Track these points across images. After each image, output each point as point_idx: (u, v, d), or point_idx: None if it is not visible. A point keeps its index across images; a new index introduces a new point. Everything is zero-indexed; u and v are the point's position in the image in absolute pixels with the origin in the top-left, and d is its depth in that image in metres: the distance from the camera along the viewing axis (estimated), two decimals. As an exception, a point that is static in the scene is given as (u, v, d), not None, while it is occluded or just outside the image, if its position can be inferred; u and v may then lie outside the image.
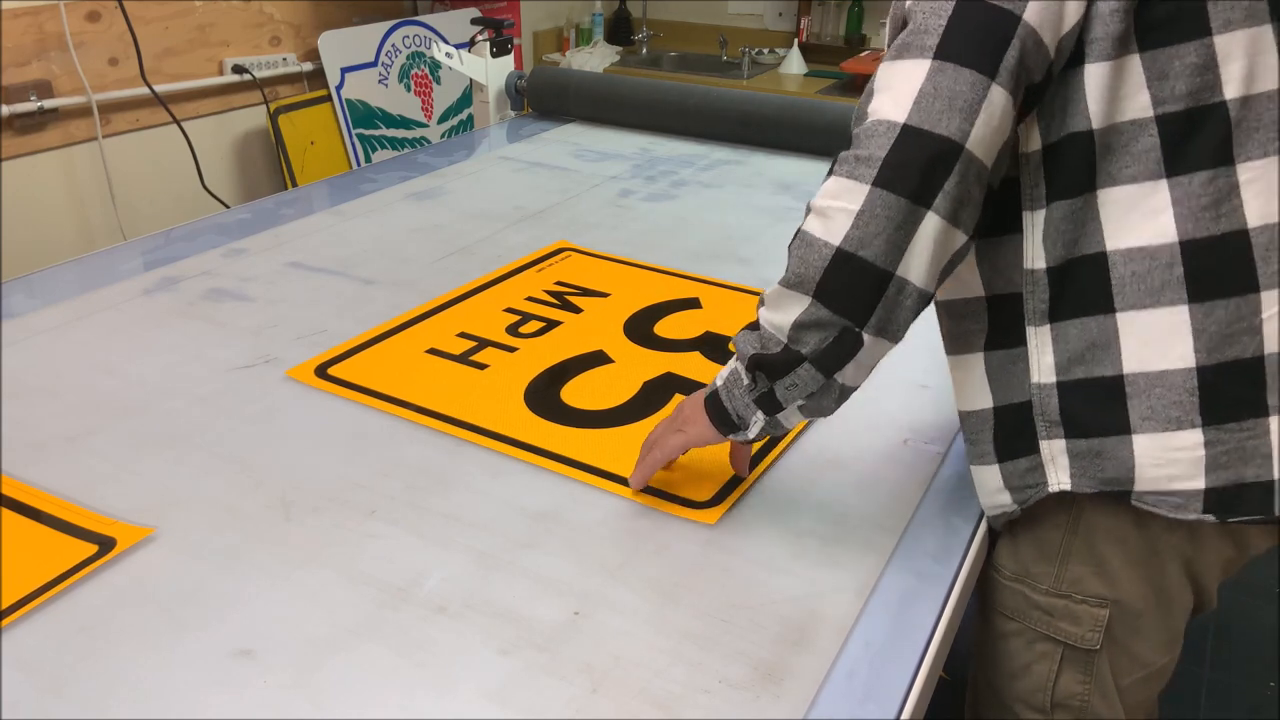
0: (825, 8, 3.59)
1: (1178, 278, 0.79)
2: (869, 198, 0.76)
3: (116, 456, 1.04)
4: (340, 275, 1.50)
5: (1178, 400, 0.81)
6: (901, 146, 0.75)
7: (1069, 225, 0.82)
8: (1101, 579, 0.90)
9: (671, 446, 0.95)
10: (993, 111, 0.75)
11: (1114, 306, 0.81)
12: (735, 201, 1.86)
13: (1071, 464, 0.85)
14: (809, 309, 0.80)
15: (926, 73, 0.75)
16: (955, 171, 0.75)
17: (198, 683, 0.76)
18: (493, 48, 2.36)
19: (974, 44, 0.75)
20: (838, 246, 0.77)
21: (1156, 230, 0.79)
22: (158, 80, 2.35)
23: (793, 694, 0.76)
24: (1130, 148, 0.79)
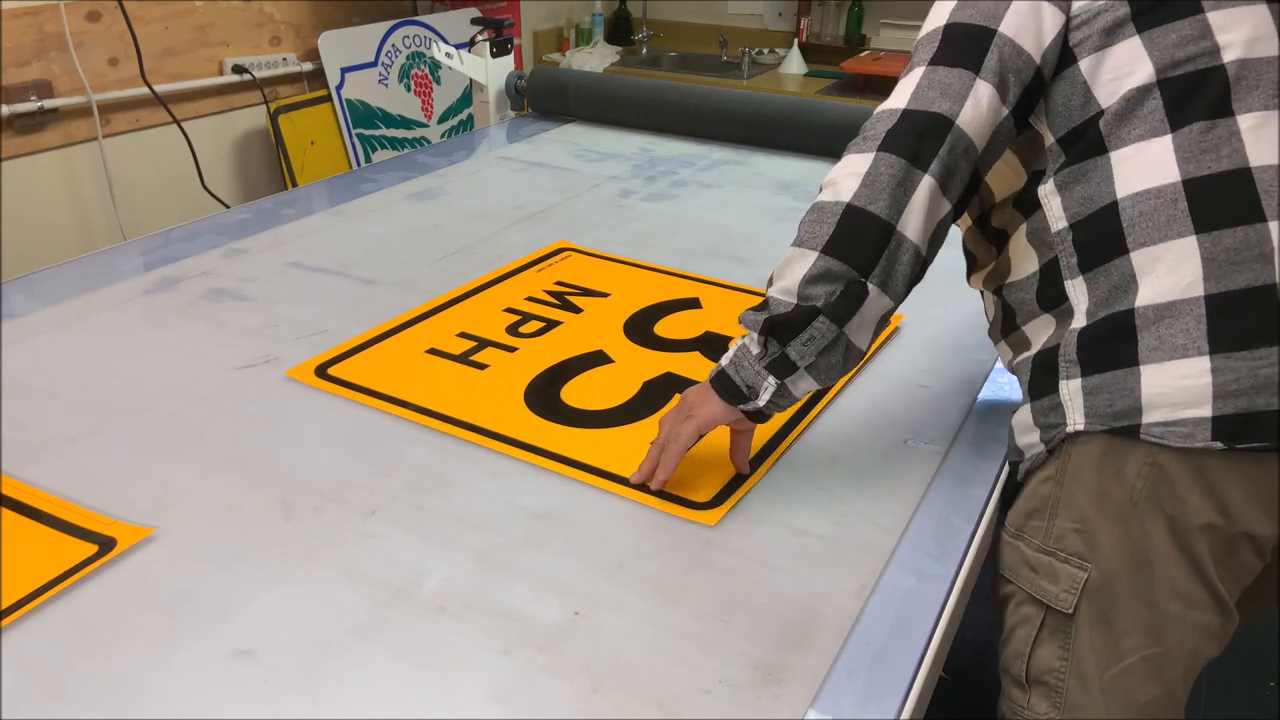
0: (825, 8, 3.59)
1: (1183, 211, 0.84)
2: (874, 161, 0.90)
3: (116, 456, 1.04)
4: (340, 275, 1.50)
5: (1185, 329, 0.83)
6: (902, 122, 0.91)
7: (1083, 185, 0.90)
8: (1082, 537, 0.90)
9: (685, 435, 0.97)
10: (979, 100, 0.90)
11: (1127, 247, 0.87)
12: (735, 201, 1.86)
13: (1085, 402, 0.88)
14: (817, 262, 0.90)
15: (923, 74, 0.92)
16: (946, 142, 0.89)
17: (198, 683, 0.76)
18: (493, 48, 2.36)
19: (960, 51, 0.92)
20: (848, 202, 0.90)
21: (1161, 174, 0.86)
22: (158, 80, 2.35)
23: (793, 694, 0.76)
24: (1136, 112, 0.88)
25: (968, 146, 0.90)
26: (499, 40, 2.38)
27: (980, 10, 0.93)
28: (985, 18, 0.92)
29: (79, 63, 2.17)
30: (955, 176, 0.91)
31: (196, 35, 2.49)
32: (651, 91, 2.29)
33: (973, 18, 0.93)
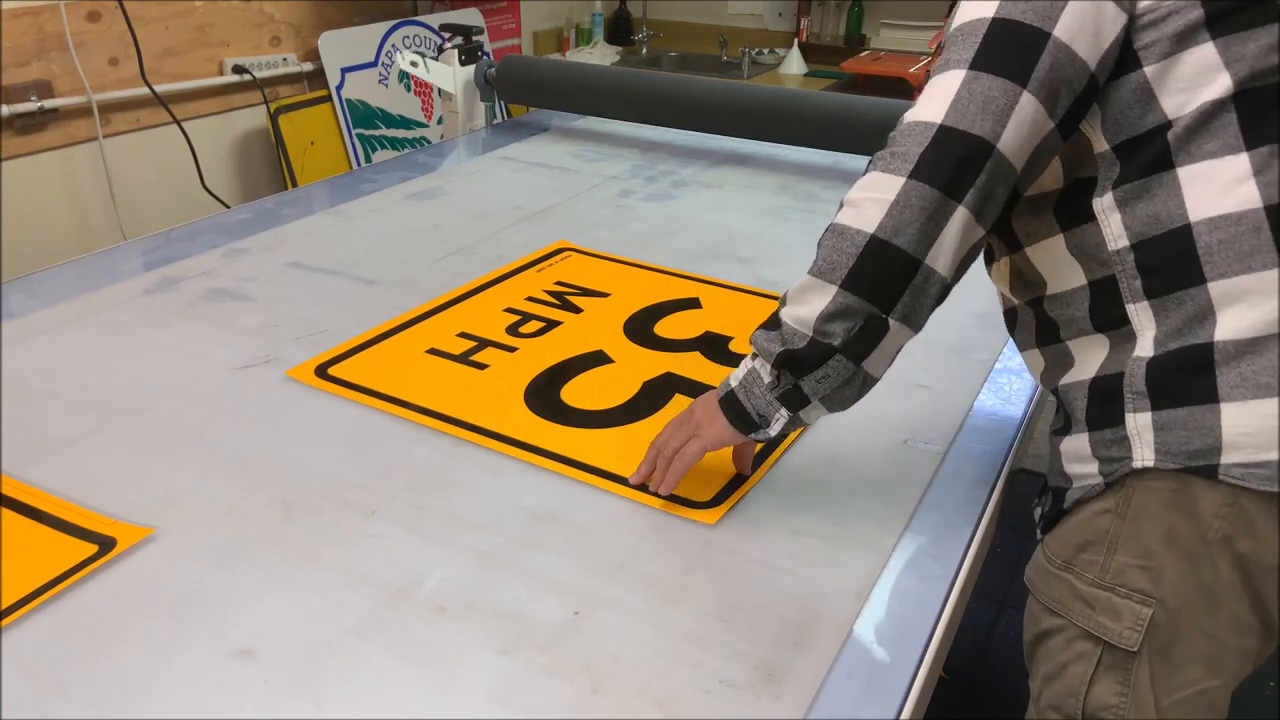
0: (825, 8, 3.59)
1: (1267, 241, 0.79)
2: (904, 189, 0.81)
3: (116, 456, 1.04)
4: (340, 275, 1.50)
5: (1270, 366, 0.79)
6: (937, 144, 0.81)
7: (1146, 202, 0.83)
8: (1147, 574, 0.85)
9: (690, 454, 0.95)
10: (1024, 117, 0.80)
11: (1204, 276, 0.81)
12: (735, 201, 1.86)
13: (1156, 438, 0.83)
14: (836, 298, 0.84)
15: (962, 80, 0.81)
16: (985, 170, 0.81)
17: (198, 683, 0.76)
18: (461, 55, 2.26)
19: (1007, 56, 0.81)
20: (871, 234, 0.82)
21: (1240, 198, 0.80)
22: (158, 80, 2.35)
23: (793, 694, 0.76)
24: (1208, 125, 0.80)
25: (1007, 172, 0.82)
26: (468, 48, 2.28)
27: (1034, 7, 0.82)
28: (1039, 17, 0.81)
29: (79, 63, 2.17)
30: (992, 202, 0.83)
31: (196, 35, 2.49)
32: (628, 81, 2.18)
33: (1025, 15, 0.82)
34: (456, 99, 2.31)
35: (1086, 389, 0.89)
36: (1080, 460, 0.89)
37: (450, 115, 2.35)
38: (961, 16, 0.85)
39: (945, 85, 0.83)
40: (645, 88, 2.13)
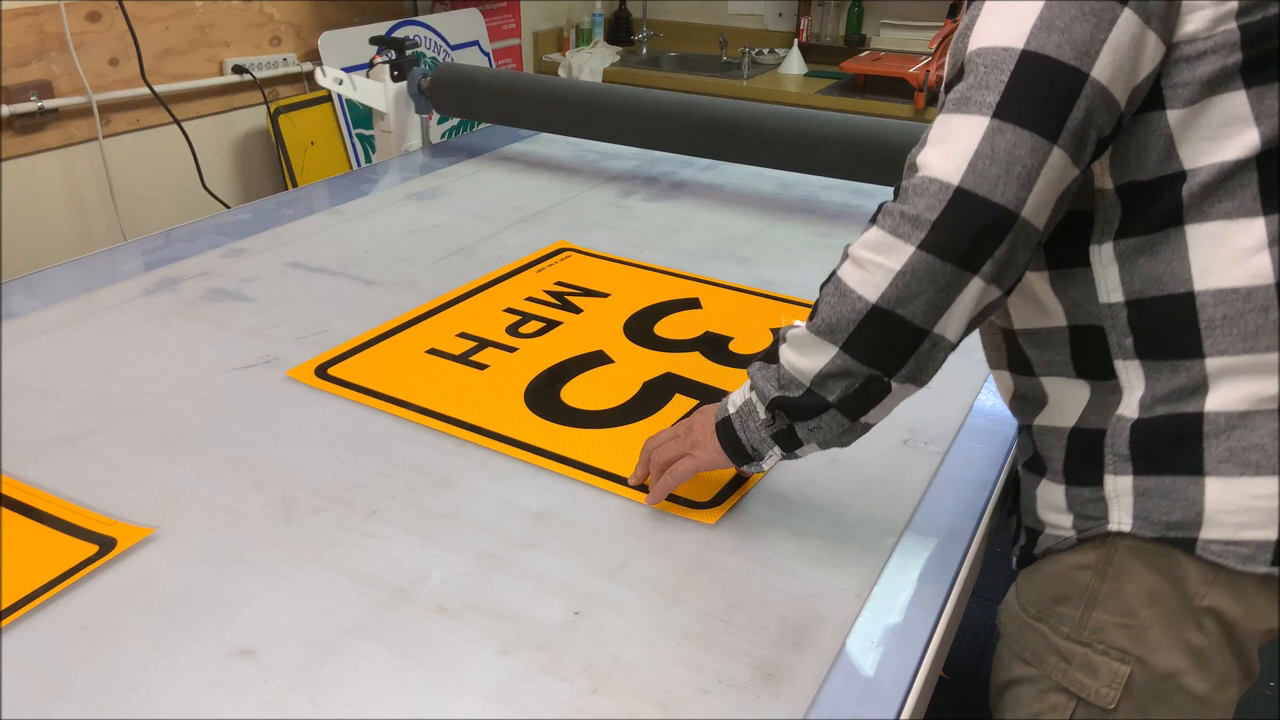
0: (825, 8, 3.59)
1: (1274, 322, 0.74)
2: (912, 259, 0.74)
3: (116, 456, 1.04)
4: (340, 275, 1.50)
5: (1260, 444, 0.75)
6: (953, 211, 0.72)
7: (1149, 259, 0.77)
8: (1128, 632, 0.82)
9: (681, 472, 0.94)
10: (1052, 177, 0.72)
11: (1203, 351, 0.76)
12: (735, 201, 1.86)
13: (1136, 504, 0.79)
14: (836, 359, 0.79)
15: (984, 132, 0.71)
16: (1007, 240, 0.72)
17: (198, 683, 0.76)
18: (394, 70, 2.08)
19: (1037, 104, 0.71)
20: (873, 304, 0.76)
21: (1252, 271, 0.74)
22: (158, 80, 2.35)
23: (793, 694, 0.76)
24: (1225, 184, 0.74)
25: (1030, 236, 0.73)
26: (401, 62, 2.09)
27: (1072, 40, 0.71)
28: (1076, 52, 0.71)
29: (79, 63, 2.17)
30: (1012, 267, 0.74)
31: (196, 35, 2.49)
32: (575, 93, 1.99)
33: (1060, 50, 0.71)
34: (389, 117, 2.13)
35: (1065, 439, 0.84)
36: (1055, 510, 0.86)
37: (383, 136, 2.17)
38: (985, 37, 0.74)
39: (965, 133, 0.72)
40: (593, 101, 1.94)
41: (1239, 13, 0.71)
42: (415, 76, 2.09)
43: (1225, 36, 0.71)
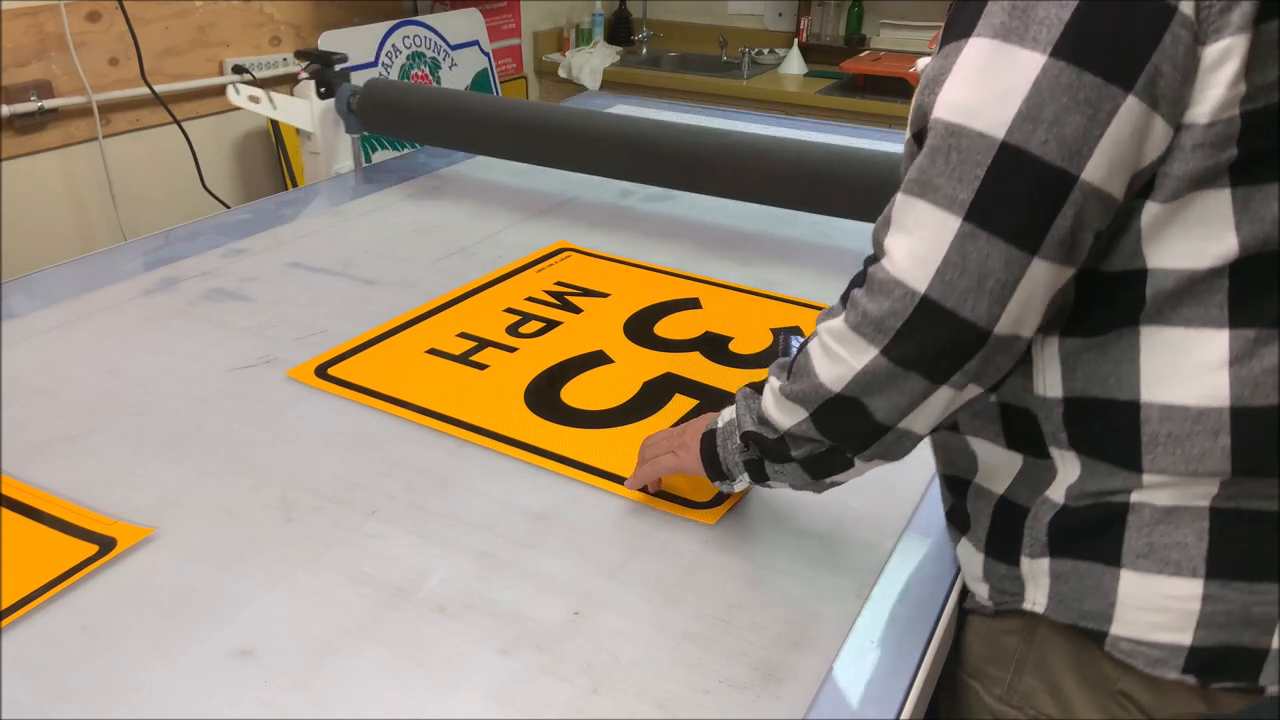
0: (825, 8, 3.59)
1: (1223, 450, 0.66)
2: (875, 363, 0.69)
3: (116, 456, 1.04)
4: (340, 275, 1.50)
5: (1182, 542, 0.69)
6: (918, 323, 0.66)
7: (1096, 356, 0.69)
8: (1055, 700, 0.79)
9: (663, 466, 0.95)
10: (1034, 288, 0.64)
11: (1141, 466, 0.68)
12: (735, 201, 1.86)
13: (1051, 586, 0.74)
14: (804, 425, 0.76)
15: (954, 237, 0.63)
16: (978, 356, 0.66)
17: (198, 683, 0.76)
18: (320, 86, 1.89)
19: (1016, 211, 0.62)
20: (836, 393, 0.72)
21: (1206, 390, 0.66)
22: (158, 80, 2.34)
23: (793, 694, 0.76)
24: (1192, 289, 0.65)
25: (1010, 344, 0.67)
26: (331, 76, 1.90)
27: (1061, 136, 0.61)
28: (1066, 153, 0.61)
29: (79, 63, 2.17)
30: (989, 372, 0.68)
31: (196, 35, 2.49)
32: (511, 116, 1.80)
33: (1046, 148, 0.61)
34: (315, 137, 1.93)
35: (991, 508, 0.79)
36: (973, 578, 0.83)
37: (310, 158, 1.95)
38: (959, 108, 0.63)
39: (932, 231, 0.64)
40: (534, 123, 1.77)
41: (1245, 98, 0.62)
42: (344, 94, 1.91)
43: (1226, 128, 0.62)
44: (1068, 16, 0.61)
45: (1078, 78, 0.60)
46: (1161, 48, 0.60)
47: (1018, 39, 0.62)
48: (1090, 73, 0.61)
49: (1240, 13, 0.60)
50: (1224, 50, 0.60)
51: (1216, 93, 0.61)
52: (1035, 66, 0.61)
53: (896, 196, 0.68)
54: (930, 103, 0.66)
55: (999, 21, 0.62)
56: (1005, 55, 0.62)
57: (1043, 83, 0.61)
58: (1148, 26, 0.60)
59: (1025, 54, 0.61)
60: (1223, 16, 0.60)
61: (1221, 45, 0.60)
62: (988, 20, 0.63)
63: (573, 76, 3.58)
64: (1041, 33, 0.61)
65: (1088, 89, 0.61)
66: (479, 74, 3.33)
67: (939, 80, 0.65)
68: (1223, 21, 0.60)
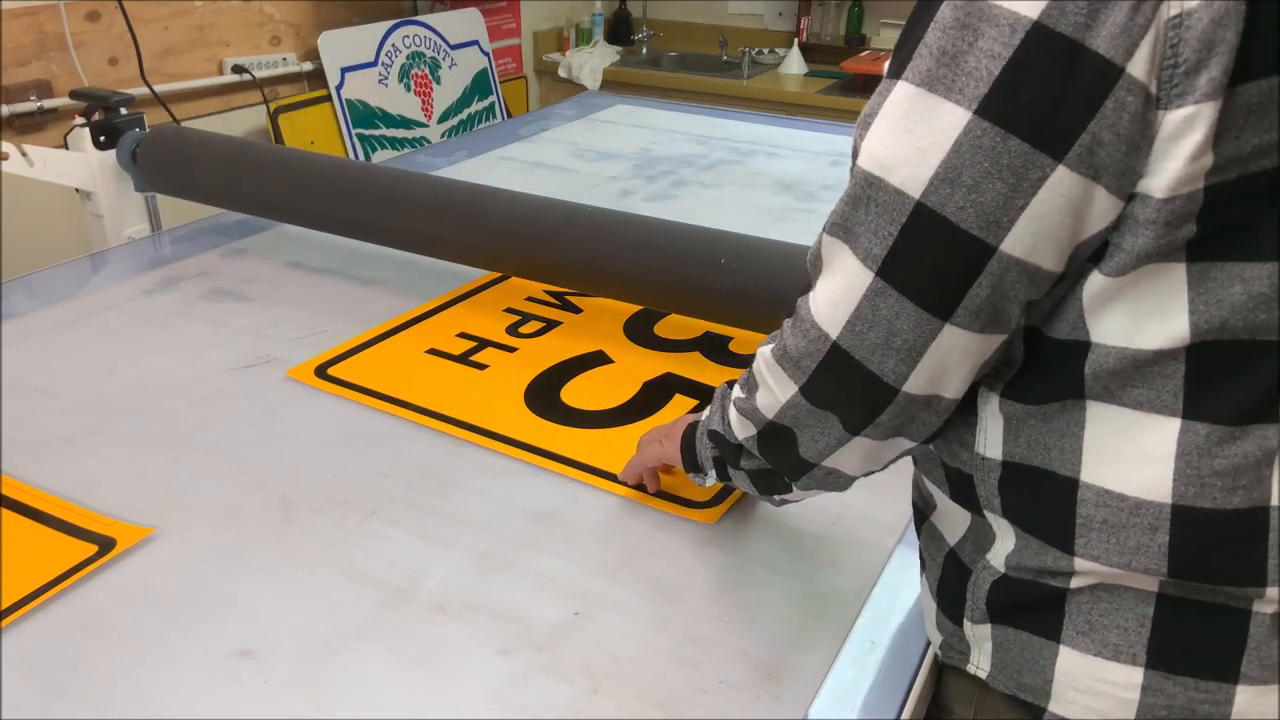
0: (825, 8, 3.59)
1: (1160, 548, 0.61)
2: (794, 400, 0.69)
3: (116, 456, 1.04)
4: (340, 275, 1.50)
5: (1123, 625, 0.64)
6: (829, 368, 0.65)
7: (1039, 423, 0.64)
8: None
9: (649, 455, 0.96)
10: (945, 353, 0.61)
11: (1073, 549, 0.64)
12: (735, 201, 1.86)
13: (994, 654, 0.71)
14: (751, 441, 0.77)
15: (866, 290, 0.61)
16: (890, 410, 0.64)
17: (198, 683, 0.76)
18: (98, 135, 1.54)
19: (926, 275, 0.60)
20: (769, 419, 0.72)
21: (1148, 481, 0.61)
22: (158, 80, 2.35)
23: (793, 694, 0.76)
24: (1144, 371, 0.60)
25: (928, 403, 0.65)
26: (114, 124, 1.56)
27: (979, 204, 0.56)
28: (983, 222, 0.57)
29: (79, 63, 2.18)
30: (912, 428, 0.67)
31: (196, 35, 2.49)
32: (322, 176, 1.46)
33: (962, 215, 0.57)
34: (97, 197, 1.59)
35: (942, 558, 0.75)
36: (929, 622, 0.78)
37: (94, 221, 1.61)
38: (879, 159, 0.59)
39: (847, 277, 0.62)
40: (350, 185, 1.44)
41: (1212, 170, 0.54)
42: (128, 143, 1.56)
43: (1185, 204, 0.55)
44: (998, 71, 0.55)
45: (1002, 141, 0.55)
46: (1101, 115, 0.54)
47: (944, 90, 0.57)
48: (1016, 137, 0.55)
49: (1208, 78, 0.53)
50: (1187, 118, 0.53)
51: (1175, 166, 0.54)
52: (958, 124, 0.56)
53: (823, 232, 0.65)
54: (860, 143, 0.62)
55: (926, 68, 0.57)
56: (929, 107, 0.57)
57: (964, 143, 0.56)
58: (1086, 90, 0.54)
59: (949, 108, 0.56)
60: (1187, 80, 0.53)
61: (1184, 113, 0.53)
62: (917, 64, 0.58)
63: (573, 76, 3.58)
64: (969, 86, 0.56)
65: (1011, 155, 0.55)
66: (479, 74, 3.34)
67: (868, 121, 0.61)
68: (1187, 85, 0.53)
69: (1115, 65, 0.53)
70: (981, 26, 0.55)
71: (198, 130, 1.67)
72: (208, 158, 1.54)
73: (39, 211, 2.20)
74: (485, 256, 1.37)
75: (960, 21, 0.56)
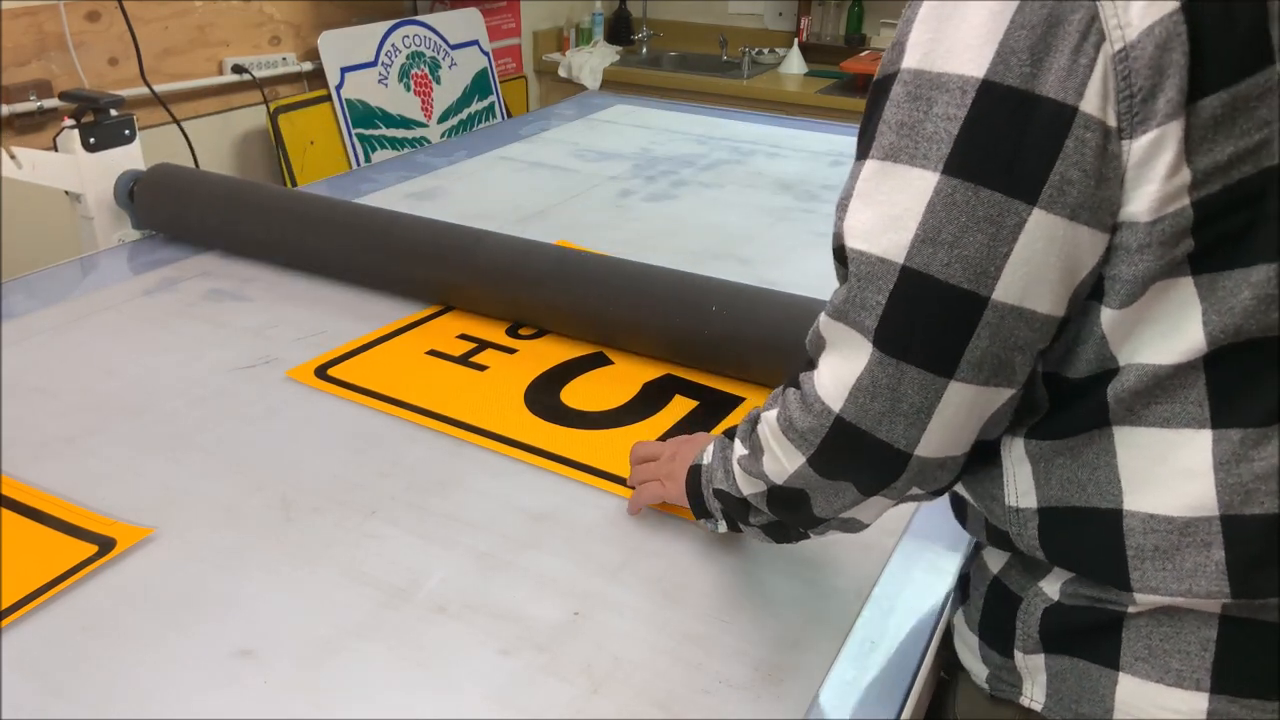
0: (825, 8, 3.59)
1: (1218, 565, 0.60)
2: (803, 470, 0.69)
3: (116, 456, 1.04)
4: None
5: (1184, 650, 0.62)
6: (835, 442, 0.65)
7: (1068, 461, 0.64)
8: None
9: (648, 495, 0.94)
10: (955, 411, 0.61)
11: (1130, 584, 0.62)
12: (735, 201, 1.86)
13: (1049, 684, 0.69)
14: (760, 499, 0.76)
15: (866, 363, 0.61)
16: (905, 475, 0.64)
17: (198, 683, 0.76)
18: (88, 137, 1.54)
19: (922, 337, 0.60)
20: (777, 484, 0.72)
21: (1191, 498, 0.60)
22: (158, 80, 2.34)
23: (793, 694, 0.76)
24: (1165, 386, 0.60)
25: (941, 464, 0.64)
26: (104, 126, 1.55)
27: (964, 258, 0.57)
28: (971, 274, 0.57)
29: (79, 62, 2.18)
30: (926, 483, 0.66)
31: (196, 35, 2.49)
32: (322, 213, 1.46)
33: (949, 271, 0.58)
34: (86, 199, 1.58)
35: (986, 587, 0.74)
36: (971, 656, 0.76)
37: (84, 223, 1.61)
38: (858, 233, 0.61)
39: (847, 353, 0.62)
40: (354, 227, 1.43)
41: (1193, 184, 0.56)
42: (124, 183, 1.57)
43: (1175, 221, 0.56)
44: (956, 131, 0.57)
45: (974, 194, 0.57)
46: (1065, 154, 0.55)
47: (908, 158, 0.58)
48: (987, 188, 0.56)
49: (1165, 99, 0.54)
50: (1154, 141, 0.55)
51: (1153, 188, 0.55)
52: (928, 186, 0.58)
53: (821, 315, 0.66)
54: (841, 227, 0.63)
55: (889, 142, 0.59)
56: (897, 176, 0.59)
57: (937, 203, 0.57)
58: (1045, 133, 0.55)
59: (916, 173, 0.58)
60: (1146, 106, 0.55)
61: (1150, 137, 0.55)
62: (879, 141, 0.60)
63: (573, 76, 3.58)
64: (932, 150, 0.57)
65: (986, 205, 0.57)
66: (479, 74, 3.34)
67: (844, 204, 0.63)
68: (1146, 111, 0.55)
69: (1068, 106, 0.55)
70: (933, 94, 0.58)
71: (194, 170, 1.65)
72: (203, 199, 1.54)
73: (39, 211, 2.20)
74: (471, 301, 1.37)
75: (912, 94, 0.59)
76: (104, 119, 1.56)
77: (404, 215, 1.45)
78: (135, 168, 1.60)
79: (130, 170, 1.59)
